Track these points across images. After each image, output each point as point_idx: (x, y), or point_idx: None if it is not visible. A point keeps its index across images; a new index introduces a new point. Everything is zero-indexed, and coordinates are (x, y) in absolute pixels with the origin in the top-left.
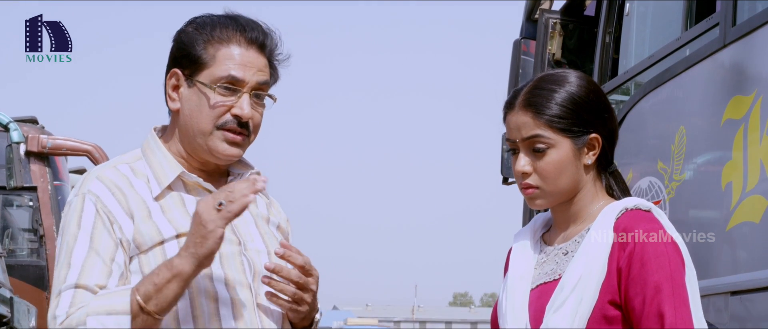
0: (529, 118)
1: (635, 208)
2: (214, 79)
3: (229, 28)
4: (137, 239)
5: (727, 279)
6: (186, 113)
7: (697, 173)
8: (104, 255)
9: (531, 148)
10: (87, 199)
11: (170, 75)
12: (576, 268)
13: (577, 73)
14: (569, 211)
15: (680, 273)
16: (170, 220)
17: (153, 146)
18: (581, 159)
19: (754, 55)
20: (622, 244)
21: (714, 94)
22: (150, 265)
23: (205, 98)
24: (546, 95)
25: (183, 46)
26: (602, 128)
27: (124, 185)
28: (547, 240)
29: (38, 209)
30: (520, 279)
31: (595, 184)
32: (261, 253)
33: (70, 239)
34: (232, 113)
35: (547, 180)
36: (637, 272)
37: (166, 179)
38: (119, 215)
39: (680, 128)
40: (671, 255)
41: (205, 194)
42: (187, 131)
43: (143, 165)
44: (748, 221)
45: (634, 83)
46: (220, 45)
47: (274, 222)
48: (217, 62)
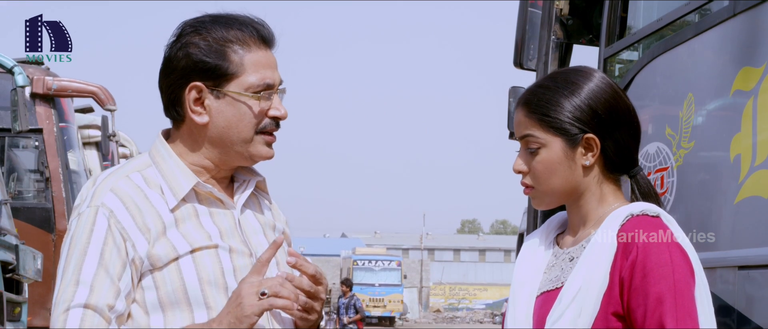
0: (524, 116)
1: (642, 214)
2: (250, 88)
3: (243, 32)
4: (152, 256)
5: (735, 253)
6: (221, 124)
7: (706, 143)
8: (113, 274)
9: (526, 147)
10: (100, 212)
11: (190, 89)
12: (576, 278)
13: (586, 72)
14: (578, 214)
15: (687, 284)
16: (184, 234)
17: (163, 153)
18: (576, 160)
19: (764, 27)
20: (624, 252)
21: (723, 63)
22: (164, 281)
23: (245, 106)
24: (542, 93)
25: (199, 60)
26: (603, 129)
27: (138, 198)
28: (560, 242)
29: (44, 151)
30: (521, 286)
31: (601, 187)
32: (271, 264)
33: (79, 254)
34: (269, 115)
35: (538, 180)
36: (639, 282)
37: (181, 190)
38: (133, 232)
39: (688, 94)
40: (677, 264)
41: (218, 204)
42: (222, 141)
43: (155, 173)
44: (757, 195)
45: (643, 44)
46: (244, 52)
47: (279, 228)
48: (246, 70)
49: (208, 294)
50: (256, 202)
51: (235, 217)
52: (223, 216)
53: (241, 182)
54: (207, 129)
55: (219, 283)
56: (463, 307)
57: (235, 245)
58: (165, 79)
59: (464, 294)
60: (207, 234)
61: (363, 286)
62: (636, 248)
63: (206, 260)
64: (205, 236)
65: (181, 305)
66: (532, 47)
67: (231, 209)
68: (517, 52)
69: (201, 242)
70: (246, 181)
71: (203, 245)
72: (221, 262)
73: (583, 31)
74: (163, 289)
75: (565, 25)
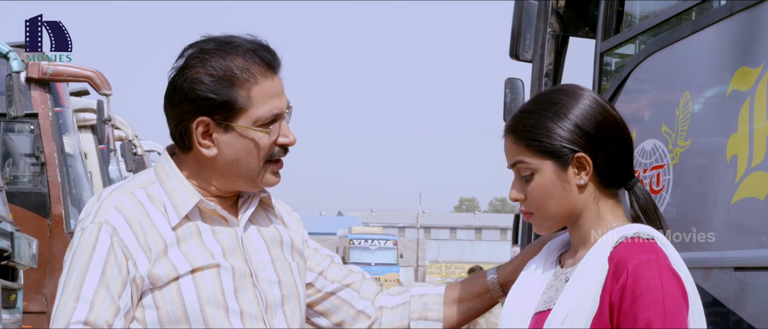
0: (511, 143)
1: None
2: (257, 121)
3: (248, 62)
4: (152, 275)
5: (732, 254)
6: (230, 157)
7: (702, 142)
8: (113, 292)
9: (519, 175)
10: (103, 230)
11: (197, 124)
12: (565, 301)
13: (569, 91)
14: (579, 234)
15: (678, 310)
16: (185, 253)
17: (168, 171)
18: (570, 180)
19: (761, 27)
20: (615, 276)
21: (720, 62)
22: (164, 301)
23: (253, 141)
24: (526, 119)
25: (206, 97)
26: (593, 146)
27: (141, 216)
28: (562, 262)
29: (39, 136)
30: (514, 308)
31: (599, 204)
32: (272, 283)
33: (80, 270)
34: (278, 143)
35: (536, 206)
36: (628, 307)
37: (183, 208)
38: (135, 251)
39: (685, 92)
40: (667, 289)
41: (221, 221)
42: (229, 172)
43: (159, 190)
44: (754, 196)
45: (640, 40)
46: (250, 85)
47: (287, 243)
48: (254, 104)
49: (208, 314)
50: (263, 216)
51: (238, 235)
52: (226, 234)
53: (245, 198)
54: (215, 161)
55: (219, 303)
56: None
57: (237, 265)
58: (171, 109)
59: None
60: (209, 253)
61: (359, 265)
62: (626, 272)
63: (207, 280)
64: (207, 255)
65: (180, 324)
66: (528, 39)
67: (234, 226)
68: (513, 44)
69: (202, 262)
70: (250, 197)
71: (204, 265)
72: (222, 282)
73: (580, 23)
74: (164, 309)
75: (562, 18)
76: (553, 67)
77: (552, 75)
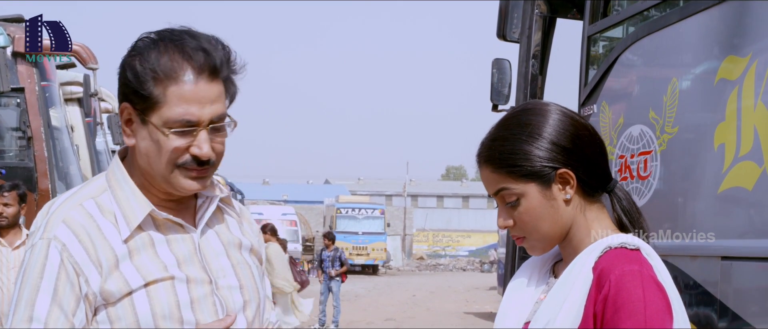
0: (491, 172)
1: (620, 246)
2: (167, 123)
3: (176, 59)
4: (105, 291)
5: (718, 243)
6: (143, 151)
7: (689, 130)
8: (67, 310)
9: (504, 202)
10: (52, 246)
11: (123, 109)
12: (544, 312)
13: (537, 110)
14: (570, 245)
15: (661, 321)
16: (138, 267)
17: (120, 178)
18: (556, 197)
19: (750, 16)
20: (598, 286)
21: (708, 50)
22: (118, 317)
23: (157, 142)
24: (501, 146)
25: (129, 82)
26: (571, 158)
27: (91, 229)
28: (556, 272)
29: (26, 111)
30: (506, 315)
31: (585, 214)
32: (234, 289)
33: (31, 289)
34: (190, 152)
35: (527, 230)
36: (610, 317)
37: (135, 219)
38: (86, 267)
39: (673, 79)
40: (649, 300)
41: (177, 229)
42: (146, 170)
43: (109, 200)
44: (741, 186)
45: (628, 24)
46: (169, 82)
47: (247, 246)
48: (168, 102)
49: None
50: (221, 218)
51: (195, 241)
52: (182, 242)
53: (204, 199)
54: (135, 152)
55: (174, 317)
56: (446, 254)
57: (194, 274)
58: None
59: (448, 240)
60: (163, 265)
61: (346, 234)
62: (609, 282)
63: (161, 293)
64: (160, 268)
65: None
66: (515, 19)
67: (191, 232)
68: (501, 24)
69: (155, 275)
70: (209, 198)
71: (158, 278)
72: (177, 295)
73: (568, 5)
74: (117, 325)
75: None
76: (540, 48)
77: (539, 56)
